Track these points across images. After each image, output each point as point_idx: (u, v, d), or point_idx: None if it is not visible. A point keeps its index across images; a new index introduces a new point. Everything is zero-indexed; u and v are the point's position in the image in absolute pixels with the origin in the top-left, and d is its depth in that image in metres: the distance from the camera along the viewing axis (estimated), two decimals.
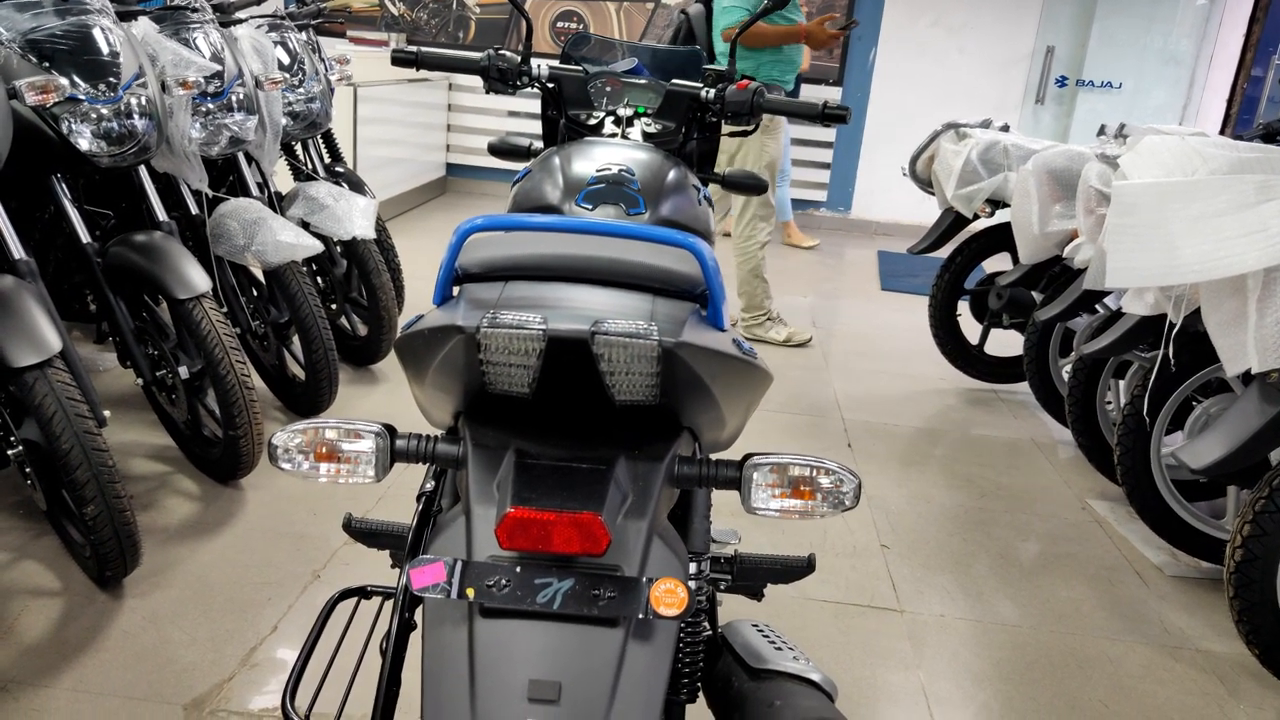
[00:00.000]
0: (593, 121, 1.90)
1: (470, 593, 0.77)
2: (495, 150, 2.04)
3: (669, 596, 0.77)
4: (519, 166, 1.79)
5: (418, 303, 4.01)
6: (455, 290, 0.93)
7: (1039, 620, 2.27)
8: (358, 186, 3.69)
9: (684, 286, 0.93)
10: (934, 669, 2.05)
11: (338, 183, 3.60)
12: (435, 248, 5.23)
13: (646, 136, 1.86)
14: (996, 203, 3.52)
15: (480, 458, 0.85)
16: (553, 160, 1.62)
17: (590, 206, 1.50)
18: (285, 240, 2.71)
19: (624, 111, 1.89)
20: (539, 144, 1.99)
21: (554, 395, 0.87)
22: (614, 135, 1.87)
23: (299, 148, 3.59)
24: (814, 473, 0.89)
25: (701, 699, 1.12)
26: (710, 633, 1.21)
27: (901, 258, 6.10)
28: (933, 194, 3.77)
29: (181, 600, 2.06)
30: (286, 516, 2.43)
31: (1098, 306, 2.86)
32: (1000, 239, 3.64)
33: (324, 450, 0.87)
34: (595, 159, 1.59)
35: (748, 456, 0.91)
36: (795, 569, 1.33)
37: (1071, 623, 2.27)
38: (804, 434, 3.27)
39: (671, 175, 1.60)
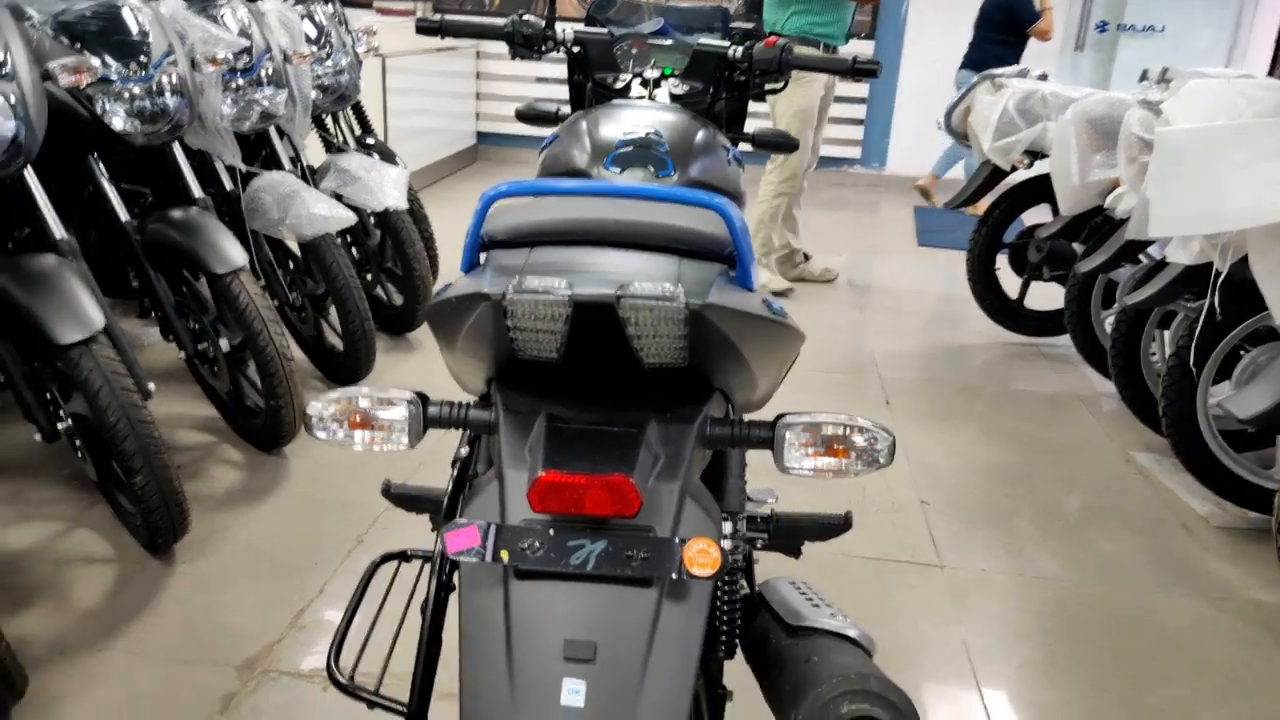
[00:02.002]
0: (619, 84, 1.89)
1: (504, 556, 0.77)
2: (523, 116, 2.03)
3: (702, 556, 0.77)
4: (547, 132, 1.78)
5: (452, 271, 4.01)
6: (482, 257, 0.93)
7: (1082, 574, 2.25)
8: (389, 157, 3.70)
9: (711, 248, 0.92)
10: (975, 624, 2.05)
11: (369, 154, 3.61)
12: (468, 216, 5.25)
13: (674, 98, 1.85)
14: (1035, 154, 3.45)
15: (512, 423, 0.86)
16: (579, 125, 1.61)
17: (618, 170, 1.50)
18: (319, 213, 2.73)
19: (651, 73, 1.88)
20: (566, 109, 1.98)
21: (584, 360, 0.87)
22: (641, 98, 1.85)
23: (329, 120, 3.60)
24: (847, 431, 0.88)
25: (740, 656, 1.12)
26: (748, 591, 1.22)
27: (938, 213, 6.00)
28: (969, 147, 3.70)
29: (230, 565, 2.11)
30: (329, 483, 2.47)
31: (1140, 256, 2.80)
32: (1039, 191, 3.57)
33: (358, 419, 0.88)
34: (622, 122, 1.58)
35: (780, 416, 0.91)
36: (832, 526, 1.33)
37: (1115, 576, 2.25)
38: (841, 392, 3.25)
39: (700, 136, 1.59)
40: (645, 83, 1.87)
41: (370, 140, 3.80)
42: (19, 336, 1.97)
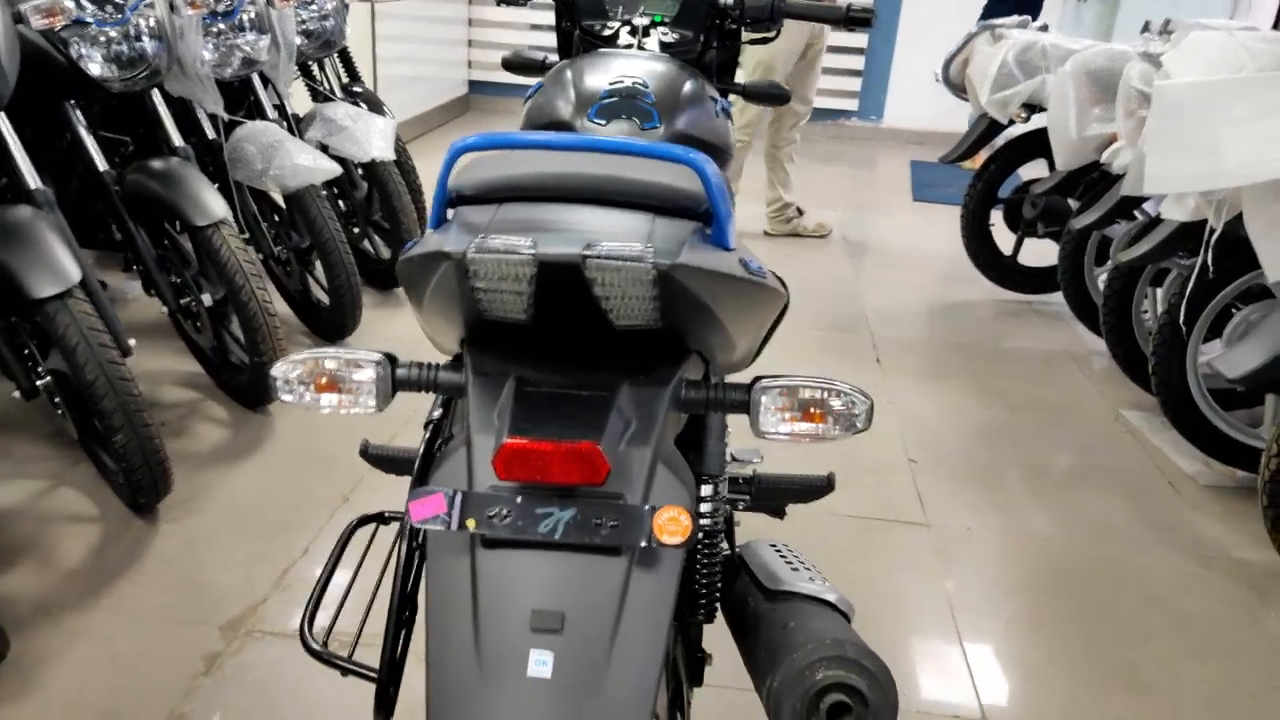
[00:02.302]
0: (607, 32, 1.84)
1: (471, 524, 0.75)
2: (509, 65, 1.99)
3: (672, 525, 0.75)
4: (534, 81, 1.74)
5: None
6: (451, 213, 0.90)
7: (1069, 532, 2.26)
8: (376, 107, 3.63)
9: (687, 204, 0.89)
10: (960, 582, 2.05)
11: (356, 103, 3.55)
12: None
13: (664, 46, 1.80)
14: (1033, 107, 3.39)
15: (480, 385, 0.83)
16: (564, 74, 1.57)
17: (603, 122, 1.46)
18: (303, 164, 2.68)
19: (640, 20, 1.83)
20: (554, 57, 1.93)
21: (555, 320, 0.85)
22: (630, 46, 1.80)
23: (315, 68, 3.53)
24: (825, 395, 0.86)
25: (721, 620, 1.12)
26: (728, 553, 1.21)
27: (934, 168, 5.93)
28: (967, 100, 3.64)
29: (215, 524, 2.10)
30: (314, 441, 2.46)
31: (1135, 213, 2.77)
32: (1036, 145, 3.52)
33: (325, 380, 0.85)
34: (608, 72, 1.54)
35: (757, 379, 0.88)
36: (815, 488, 1.32)
37: (1102, 534, 2.26)
38: (832, 351, 3.23)
39: (688, 86, 1.55)
40: (634, 30, 1.82)
41: (358, 89, 3.73)
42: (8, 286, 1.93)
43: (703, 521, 1.06)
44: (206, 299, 2.45)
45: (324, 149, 3.20)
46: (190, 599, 1.86)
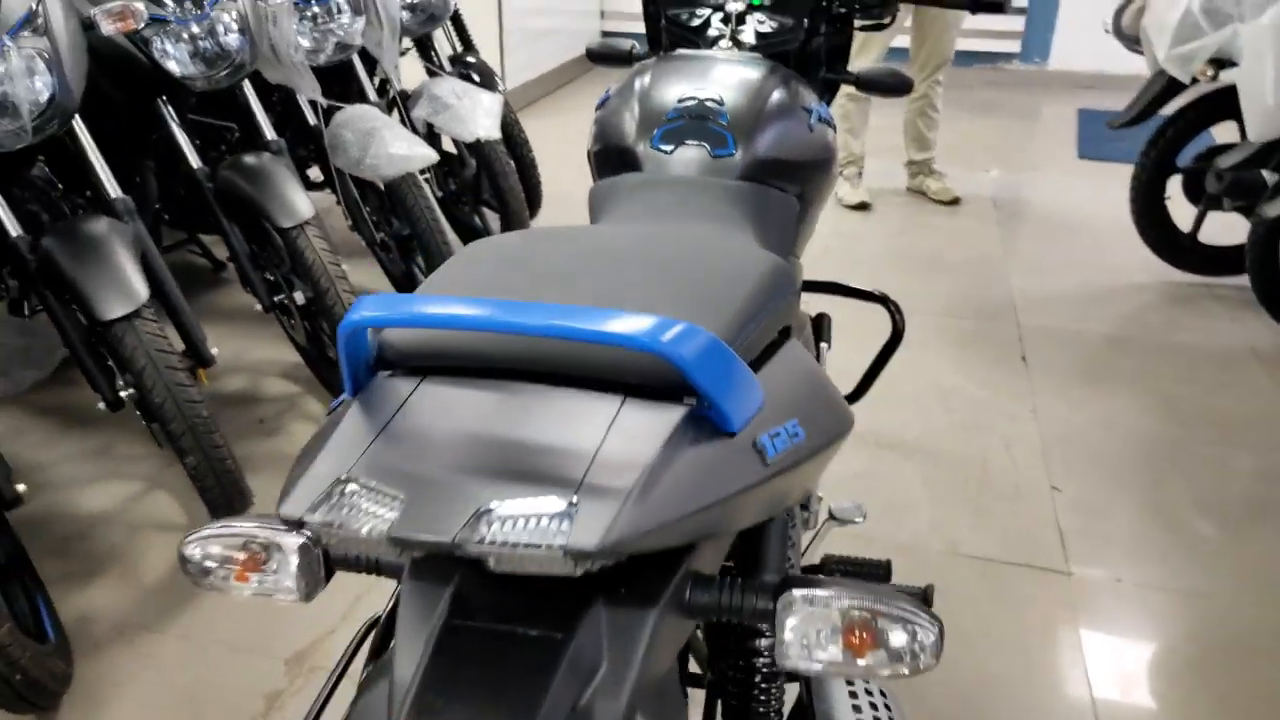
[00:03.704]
0: (696, 22, 1.61)
1: None
2: (594, 56, 1.79)
3: None
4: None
5: (557, 201, 3.81)
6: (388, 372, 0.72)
7: (1240, 590, 1.92)
8: (488, 78, 3.49)
9: (675, 378, 0.65)
10: (1105, 653, 1.77)
11: (467, 75, 3.42)
12: (582, 132, 5.01)
13: (760, 36, 1.56)
14: (1221, 62, 2.91)
15: (413, 599, 0.66)
16: (634, 85, 1.36)
17: (669, 149, 1.25)
18: (397, 152, 2.56)
19: (734, 6, 1.59)
20: (643, 47, 1.73)
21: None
22: (720, 37, 1.57)
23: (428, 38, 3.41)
24: (877, 618, 0.64)
25: None
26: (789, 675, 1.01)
27: (1103, 118, 5.34)
28: (1141, 53, 3.18)
29: None
30: None
31: None
32: (1224, 105, 3.04)
33: (242, 561, 0.70)
34: (680, 84, 1.32)
35: (785, 583, 0.67)
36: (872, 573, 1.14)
37: (1275, 594, 1.92)
38: (970, 343, 2.91)
39: (775, 98, 1.31)
40: (727, 19, 1.59)
41: (470, 59, 3.59)
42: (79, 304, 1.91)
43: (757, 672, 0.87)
44: (299, 297, 2.38)
45: (430, 128, 3.11)
46: (260, 628, 1.81)
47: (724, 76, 1.33)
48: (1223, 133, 3.17)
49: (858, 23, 1.60)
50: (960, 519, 2.11)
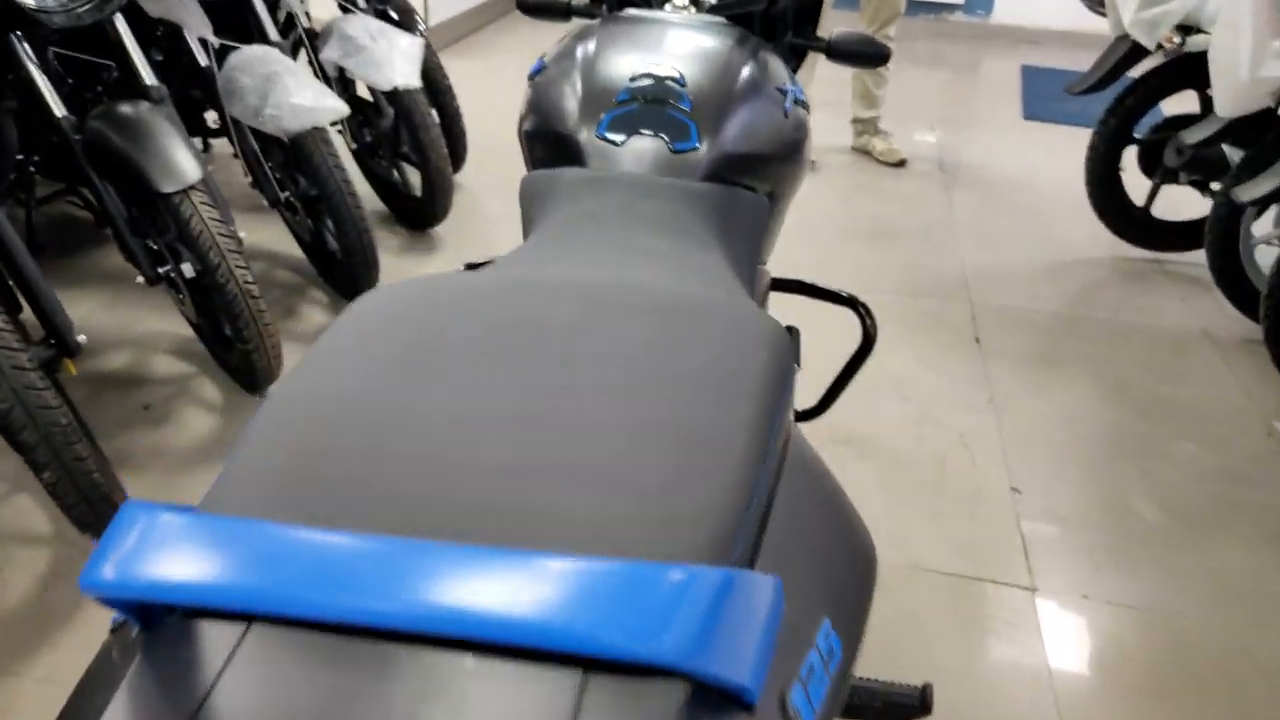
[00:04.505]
0: None
1: None
2: (525, 5, 1.52)
3: None
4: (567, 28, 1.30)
5: (484, 154, 3.52)
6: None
7: (1212, 607, 1.82)
8: (407, 16, 3.17)
9: (648, 653, 0.42)
10: (1073, 685, 1.65)
11: (384, 13, 3.10)
12: (512, 80, 4.68)
13: None
14: (1189, 29, 2.77)
15: None
16: (573, 55, 1.12)
17: (619, 139, 1.02)
18: (301, 103, 2.26)
19: None
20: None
21: None
22: None
23: None
24: None
25: None
26: None
27: (1051, 76, 5.22)
28: (1104, 14, 3.02)
29: None
30: None
31: None
32: (1186, 74, 2.91)
33: None
34: (633, 52, 1.09)
35: None
36: (904, 706, 0.92)
37: (1254, 609, 1.82)
38: (924, 325, 2.75)
39: (745, 75, 1.09)
40: None
41: None
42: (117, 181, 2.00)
43: None
44: (187, 269, 2.09)
45: (341, 72, 2.79)
46: None
47: (684, 47, 1.10)
48: (1172, 103, 3.06)
49: None
50: (920, 529, 1.96)
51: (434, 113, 2.95)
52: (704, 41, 1.11)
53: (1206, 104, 2.87)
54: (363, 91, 2.93)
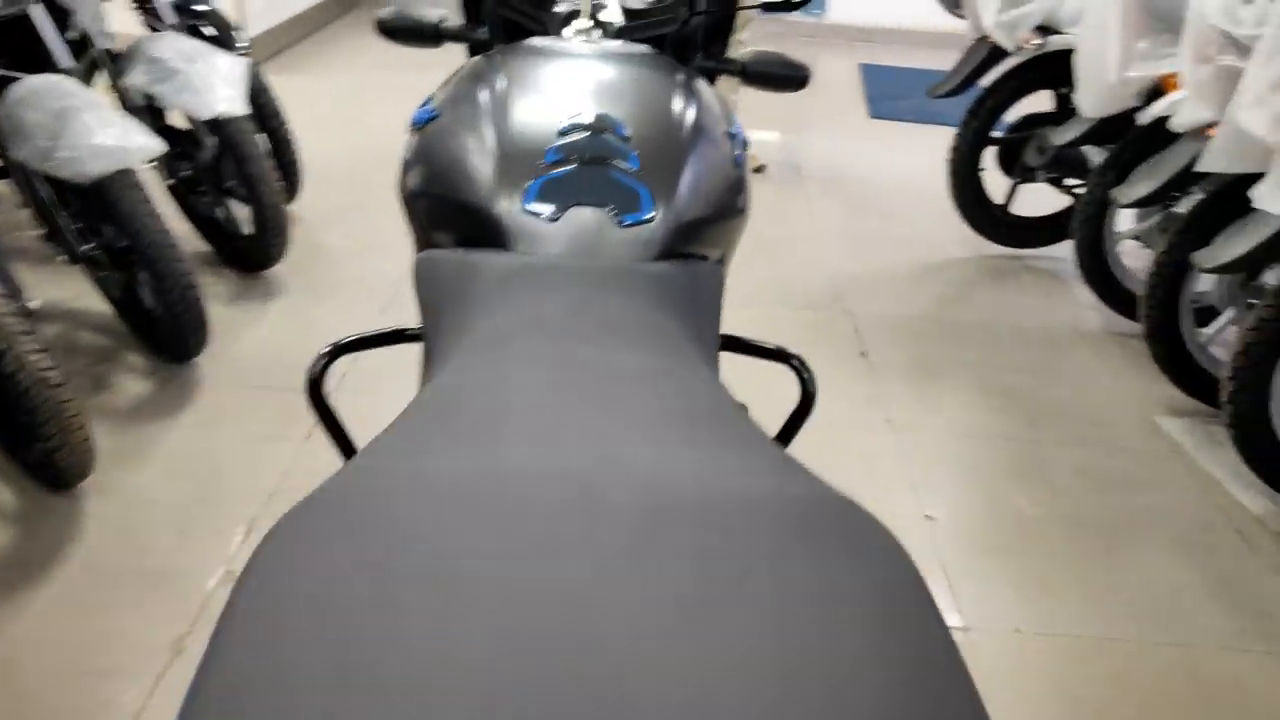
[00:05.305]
0: None
1: None
2: (387, 28, 1.27)
3: None
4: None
5: (320, 182, 3.19)
6: None
7: (1129, 624, 1.78)
8: (225, 32, 2.83)
9: None
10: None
11: (197, 29, 2.76)
12: (348, 96, 4.33)
13: (632, 15, 1.15)
14: (1048, 29, 2.79)
15: None
16: (474, 98, 0.90)
17: (551, 213, 0.81)
18: (103, 143, 1.94)
19: None
20: (452, 21, 1.25)
21: None
22: (574, 15, 1.14)
23: None
24: None
25: None
26: None
27: (889, 74, 5.30)
28: (963, 17, 3.01)
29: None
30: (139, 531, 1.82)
31: (1193, 188, 2.23)
32: (1044, 73, 2.93)
33: None
34: (554, 98, 0.89)
35: None
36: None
37: (1174, 624, 1.79)
38: (808, 339, 2.65)
39: (690, 118, 0.91)
40: None
41: (200, 5, 2.89)
42: None
43: None
44: None
45: (150, 100, 2.45)
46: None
47: (615, 86, 0.90)
48: (1025, 103, 3.09)
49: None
50: None
51: (263, 139, 2.63)
52: (636, 77, 0.91)
53: (1062, 103, 2.90)
54: (178, 119, 2.58)
